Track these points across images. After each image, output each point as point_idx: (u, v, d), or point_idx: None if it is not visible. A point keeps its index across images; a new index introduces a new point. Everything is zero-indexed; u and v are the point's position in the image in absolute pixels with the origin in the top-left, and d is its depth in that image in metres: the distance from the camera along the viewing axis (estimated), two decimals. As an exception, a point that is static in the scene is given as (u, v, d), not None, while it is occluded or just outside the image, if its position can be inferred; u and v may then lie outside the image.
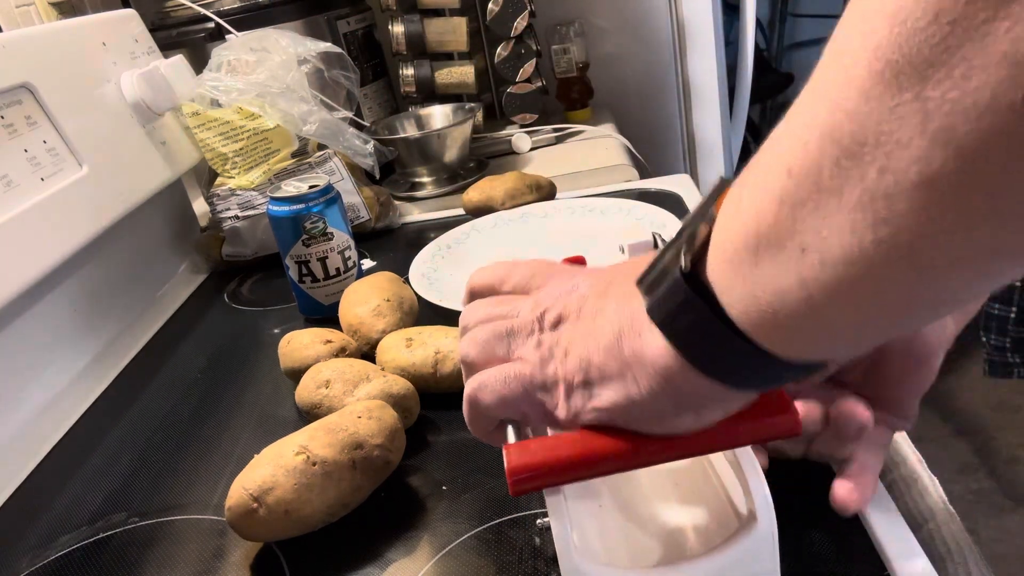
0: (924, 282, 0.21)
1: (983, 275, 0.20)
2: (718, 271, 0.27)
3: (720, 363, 0.28)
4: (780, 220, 0.23)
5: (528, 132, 1.22)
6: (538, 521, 0.46)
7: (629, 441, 0.33)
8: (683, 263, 0.28)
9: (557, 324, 0.35)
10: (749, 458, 0.35)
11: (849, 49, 0.19)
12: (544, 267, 0.40)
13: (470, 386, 0.38)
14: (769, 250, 0.24)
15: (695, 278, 0.28)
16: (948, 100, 0.17)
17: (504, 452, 0.33)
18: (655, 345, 0.30)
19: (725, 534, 0.36)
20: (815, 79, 0.22)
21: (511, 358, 0.37)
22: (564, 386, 0.34)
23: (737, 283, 0.26)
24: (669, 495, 0.42)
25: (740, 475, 0.35)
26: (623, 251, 0.49)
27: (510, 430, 0.37)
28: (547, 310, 0.36)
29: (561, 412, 0.35)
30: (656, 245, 0.49)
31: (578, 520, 0.41)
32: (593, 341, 0.33)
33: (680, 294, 0.28)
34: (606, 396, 0.33)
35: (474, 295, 0.43)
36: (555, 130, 1.24)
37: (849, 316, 0.23)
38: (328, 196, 0.75)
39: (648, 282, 0.30)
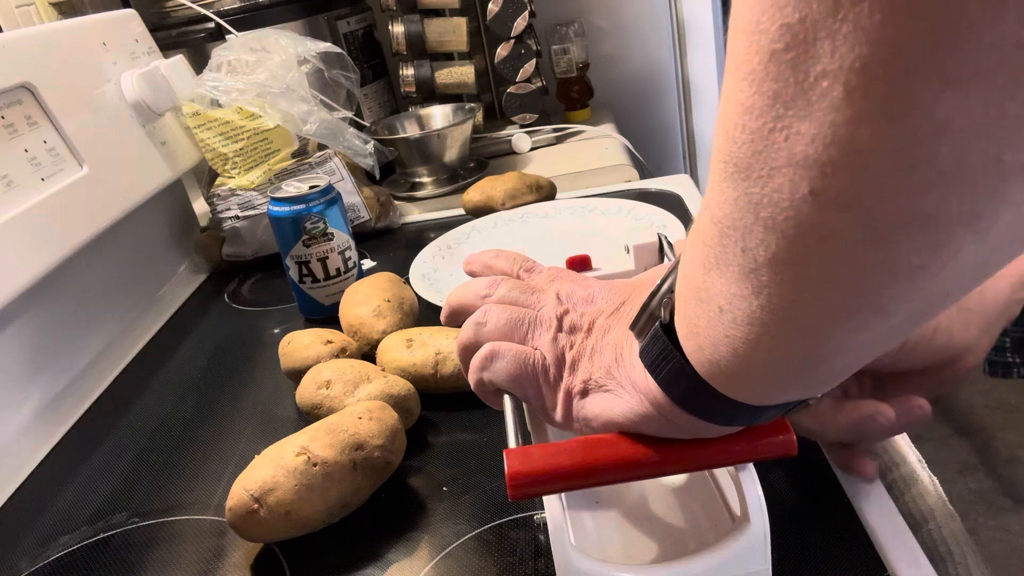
0: (811, 339, 0.23)
1: (858, 329, 0.22)
2: (678, 323, 0.29)
3: (701, 406, 0.30)
4: (704, 283, 0.25)
5: (528, 132, 1.22)
6: (535, 516, 0.47)
7: (628, 454, 0.33)
8: (663, 315, 0.30)
9: (572, 331, 0.37)
10: None
11: (713, 147, 0.23)
12: (559, 274, 0.42)
13: (486, 349, 0.39)
14: (702, 308, 0.26)
15: (673, 329, 0.29)
16: (765, 194, 0.20)
17: (505, 457, 0.34)
18: (646, 380, 0.32)
19: (719, 533, 0.36)
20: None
21: (527, 344, 0.38)
22: (564, 392, 0.36)
23: (688, 336, 0.28)
24: (665, 493, 0.42)
25: (734, 475, 0.35)
26: (628, 251, 0.50)
27: (507, 400, 0.38)
28: (567, 312, 0.38)
29: (557, 414, 0.37)
30: (661, 246, 0.49)
31: (574, 516, 0.41)
32: (598, 357, 0.35)
33: (660, 343, 0.30)
34: (600, 409, 0.35)
35: (492, 273, 0.44)
36: (555, 130, 1.24)
37: (773, 367, 0.25)
38: (328, 196, 0.75)
39: (639, 328, 0.32)
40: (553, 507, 0.34)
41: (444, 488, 0.52)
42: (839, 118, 0.18)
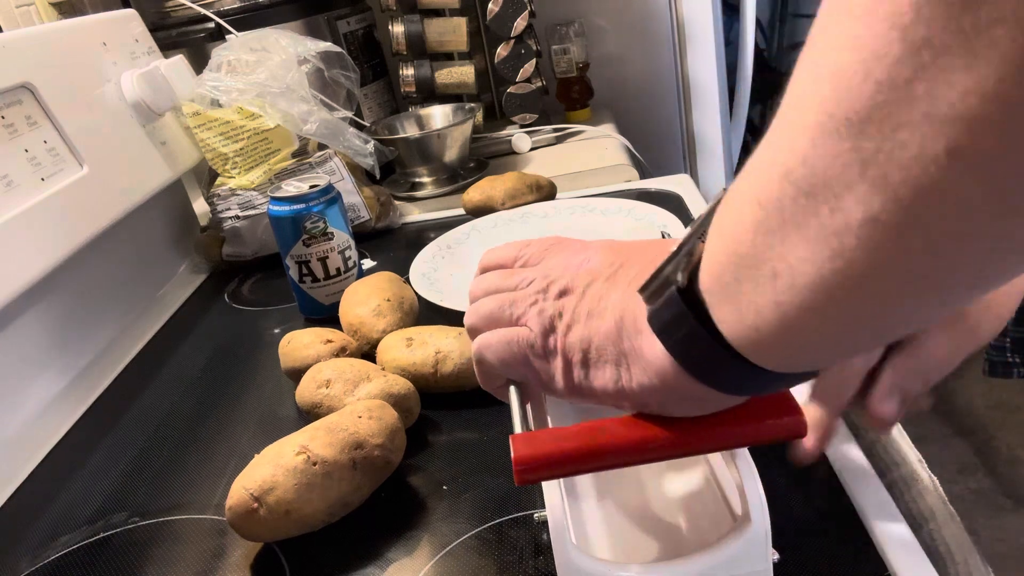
0: (880, 308, 0.22)
1: (937, 302, 0.22)
2: (708, 289, 0.28)
3: (714, 373, 0.29)
4: (755, 246, 0.24)
5: (528, 132, 1.22)
6: (536, 515, 0.47)
7: (635, 437, 0.33)
8: (680, 279, 0.29)
9: (562, 295, 0.36)
10: (745, 459, 0.35)
11: (801, 100, 0.21)
12: (556, 241, 0.41)
13: (475, 344, 0.39)
14: (747, 272, 0.25)
15: (691, 293, 0.29)
16: (882, 151, 0.19)
17: (511, 442, 0.34)
18: (653, 347, 0.31)
19: (720, 532, 0.36)
20: (780, 117, 0.23)
21: (515, 324, 0.38)
22: (563, 360, 0.35)
23: (724, 301, 0.27)
24: (667, 492, 0.42)
25: (736, 475, 0.35)
26: None
27: (512, 391, 0.38)
28: (553, 282, 0.37)
29: (558, 384, 0.36)
30: None
31: (575, 515, 0.41)
32: (595, 322, 0.34)
33: (676, 308, 0.29)
34: (602, 379, 0.34)
35: (486, 272, 0.44)
36: (555, 130, 1.24)
37: (821, 335, 0.25)
38: (328, 196, 0.75)
39: (649, 292, 0.31)
40: (554, 505, 0.34)
41: (444, 487, 0.52)
42: (1009, 71, 0.16)
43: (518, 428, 0.35)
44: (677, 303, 0.29)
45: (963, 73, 0.17)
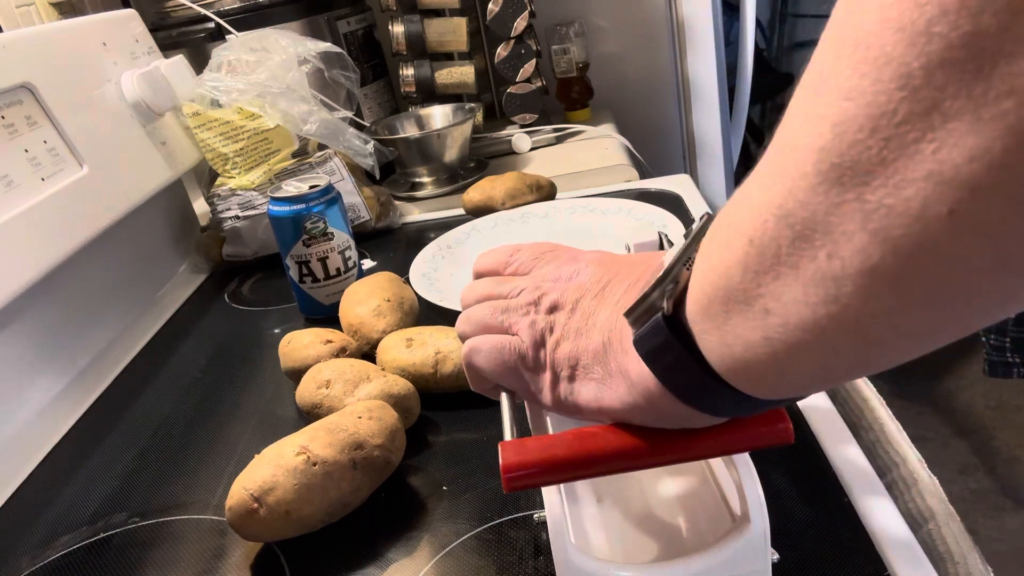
0: (873, 350, 0.23)
1: (931, 343, 0.22)
2: (695, 318, 0.28)
3: (700, 397, 0.30)
4: (745, 283, 0.24)
5: (528, 132, 1.22)
6: (535, 515, 0.47)
7: (625, 444, 0.33)
8: (666, 306, 0.29)
9: (553, 310, 0.36)
10: (744, 459, 0.35)
11: (799, 144, 0.21)
12: (548, 249, 0.41)
13: (465, 347, 0.39)
14: (737, 307, 0.25)
15: (676, 320, 0.29)
16: (885, 205, 0.19)
17: (500, 449, 0.34)
18: (638, 368, 0.31)
19: (719, 532, 0.36)
20: (772, 157, 0.23)
21: (505, 332, 0.38)
22: (551, 374, 0.36)
23: (712, 332, 0.27)
24: (666, 492, 0.42)
25: (735, 475, 0.35)
26: (629, 251, 0.50)
27: (504, 396, 0.38)
28: (545, 294, 0.37)
29: (545, 398, 0.36)
30: (661, 245, 0.49)
31: (575, 515, 0.41)
32: (584, 340, 0.34)
33: (662, 335, 0.29)
34: (587, 395, 0.34)
35: (479, 278, 0.44)
36: (555, 130, 1.24)
37: (812, 370, 0.25)
38: (328, 196, 0.75)
39: (634, 316, 0.31)
40: (553, 506, 0.34)
41: (444, 487, 0.52)
42: (1014, 141, 0.16)
43: (508, 435, 0.36)
44: (663, 331, 0.29)
45: (971, 139, 0.17)
